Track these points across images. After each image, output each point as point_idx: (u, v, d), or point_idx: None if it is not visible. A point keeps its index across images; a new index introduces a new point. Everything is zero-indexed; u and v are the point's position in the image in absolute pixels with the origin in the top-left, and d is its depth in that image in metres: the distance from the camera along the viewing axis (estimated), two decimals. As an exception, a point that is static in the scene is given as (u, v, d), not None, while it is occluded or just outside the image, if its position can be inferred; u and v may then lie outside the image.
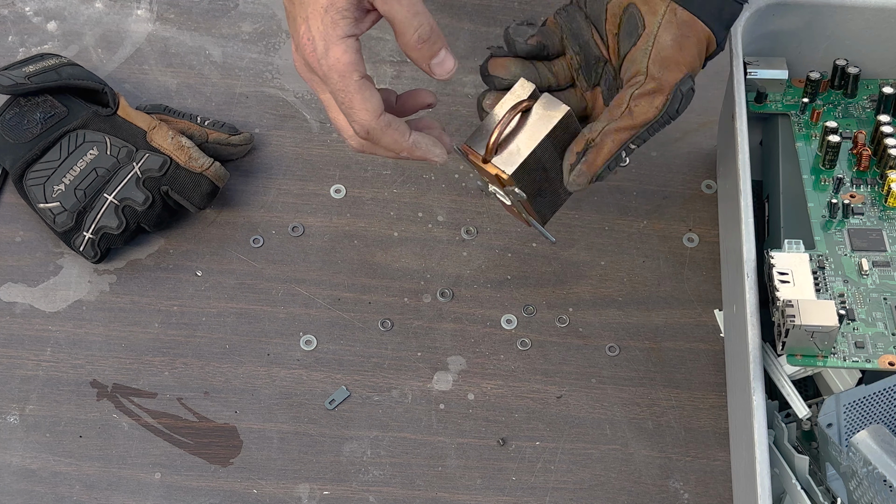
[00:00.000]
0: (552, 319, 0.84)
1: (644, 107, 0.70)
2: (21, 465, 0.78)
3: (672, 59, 0.70)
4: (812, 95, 0.82)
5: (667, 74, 0.69)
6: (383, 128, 0.68)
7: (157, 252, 0.86)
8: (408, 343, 0.83)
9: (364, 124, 0.67)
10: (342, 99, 0.67)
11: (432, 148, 0.71)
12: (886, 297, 0.72)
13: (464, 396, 0.81)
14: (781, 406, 0.73)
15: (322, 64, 0.66)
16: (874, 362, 0.69)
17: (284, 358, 0.82)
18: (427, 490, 0.78)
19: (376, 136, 0.68)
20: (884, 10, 0.79)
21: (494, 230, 0.88)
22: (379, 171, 0.90)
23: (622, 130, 0.70)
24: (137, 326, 0.83)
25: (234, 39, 0.96)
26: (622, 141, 0.70)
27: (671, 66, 0.70)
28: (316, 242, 0.87)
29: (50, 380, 0.81)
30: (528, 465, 0.79)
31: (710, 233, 0.87)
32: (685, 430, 0.80)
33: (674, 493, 0.78)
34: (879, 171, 0.78)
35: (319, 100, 0.72)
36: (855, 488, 0.68)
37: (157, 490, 0.78)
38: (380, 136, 0.68)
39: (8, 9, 0.97)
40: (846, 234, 0.75)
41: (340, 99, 0.67)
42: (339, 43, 0.65)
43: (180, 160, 0.85)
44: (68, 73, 0.88)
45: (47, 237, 0.87)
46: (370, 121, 0.67)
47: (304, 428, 0.80)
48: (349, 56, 0.66)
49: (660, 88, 0.70)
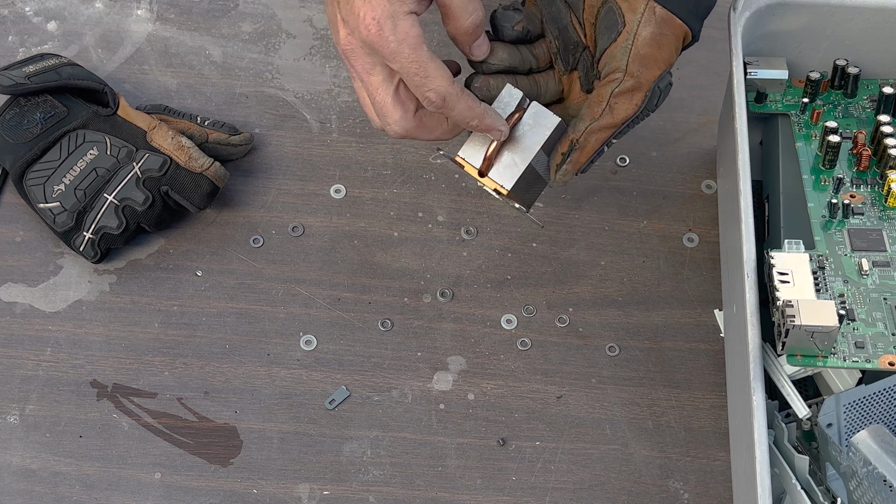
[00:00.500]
0: (552, 319, 0.84)
1: (624, 104, 0.71)
2: (21, 465, 0.78)
3: (651, 57, 0.71)
4: (812, 95, 0.82)
5: (646, 72, 0.71)
6: (458, 93, 0.69)
7: (157, 252, 0.86)
8: (408, 343, 0.83)
9: (441, 91, 0.68)
10: (416, 70, 0.67)
11: (497, 120, 0.72)
12: (886, 297, 0.72)
13: (464, 396, 0.81)
14: (781, 406, 0.73)
15: (391, 40, 0.67)
16: (874, 362, 0.69)
17: (284, 358, 0.82)
18: (427, 490, 0.78)
19: (452, 102, 0.69)
20: (884, 10, 0.79)
21: (494, 230, 0.88)
22: (379, 171, 0.90)
23: (604, 129, 0.72)
24: (137, 326, 0.83)
25: (234, 39, 0.96)
26: (604, 139, 0.72)
27: (650, 63, 0.71)
28: (316, 242, 0.87)
29: (50, 380, 0.81)
30: (528, 465, 0.79)
31: (710, 233, 0.87)
32: (685, 430, 0.80)
33: (674, 493, 0.78)
34: (879, 171, 0.78)
35: (354, 88, 0.73)
36: (855, 488, 0.68)
37: (157, 490, 0.78)
38: (455, 102, 0.69)
39: (8, 9, 0.97)
40: (846, 234, 0.75)
41: (414, 71, 0.67)
42: (407, 18, 0.67)
43: (180, 160, 0.85)
44: (68, 73, 0.88)
45: (47, 237, 0.87)
46: (447, 87, 0.68)
47: (304, 428, 0.80)
48: (416, 29, 0.67)
49: (639, 86, 0.71)
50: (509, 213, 0.88)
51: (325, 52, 0.96)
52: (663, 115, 0.92)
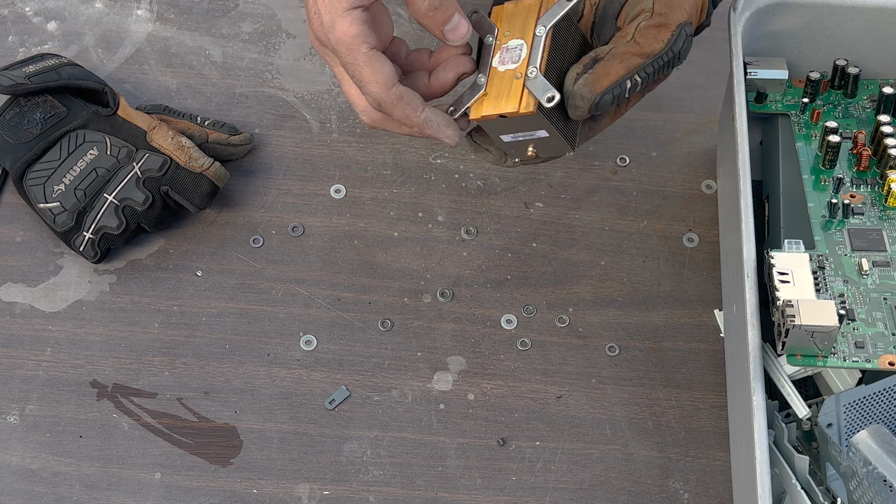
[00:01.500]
0: (552, 319, 0.84)
1: (650, 38, 0.68)
2: (21, 465, 0.78)
3: (676, 2, 0.69)
4: (812, 95, 0.82)
5: (672, 13, 0.69)
6: (394, 101, 0.67)
7: (157, 252, 0.87)
8: (408, 343, 0.83)
9: (375, 96, 0.67)
10: (352, 72, 0.66)
11: (444, 128, 0.70)
12: (886, 297, 0.72)
13: (464, 396, 0.81)
14: (781, 406, 0.73)
15: (330, 37, 0.66)
16: (874, 362, 0.69)
17: (284, 358, 0.82)
18: (427, 490, 0.78)
19: (388, 108, 0.67)
20: (884, 10, 0.79)
21: (494, 230, 0.88)
22: (379, 171, 0.90)
23: (630, 55, 0.68)
24: (137, 326, 0.83)
25: (234, 39, 0.96)
26: (630, 67, 0.68)
27: (675, 6, 0.69)
28: (316, 242, 0.87)
29: (50, 380, 0.81)
30: (528, 465, 0.79)
31: (710, 233, 0.87)
32: (685, 430, 0.80)
33: (674, 493, 0.78)
34: (879, 171, 0.78)
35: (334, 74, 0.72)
36: (855, 488, 0.68)
37: (157, 490, 0.78)
38: (391, 109, 0.67)
39: (8, 9, 0.97)
40: (846, 234, 0.75)
41: (351, 72, 0.66)
42: (345, 15, 0.65)
43: (180, 160, 0.85)
44: (68, 73, 0.88)
45: (47, 237, 0.87)
46: (381, 93, 0.67)
47: (304, 428, 0.80)
48: (356, 28, 0.65)
49: (665, 23, 0.69)
50: (509, 213, 0.88)
51: (325, 52, 0.96)
52: (663, 115, 0.92)
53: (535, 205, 0.89)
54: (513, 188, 0.89)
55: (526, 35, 0.69)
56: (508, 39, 0.70)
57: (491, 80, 0.70)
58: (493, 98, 0.69)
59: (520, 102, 0.68)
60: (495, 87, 0.69)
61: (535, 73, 0.68)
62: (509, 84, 0.69)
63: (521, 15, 0.70)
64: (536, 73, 0.68)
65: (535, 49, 0.69)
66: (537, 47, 0.69)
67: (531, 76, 0.68)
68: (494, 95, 0.69)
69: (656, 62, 0.69)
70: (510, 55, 0.69)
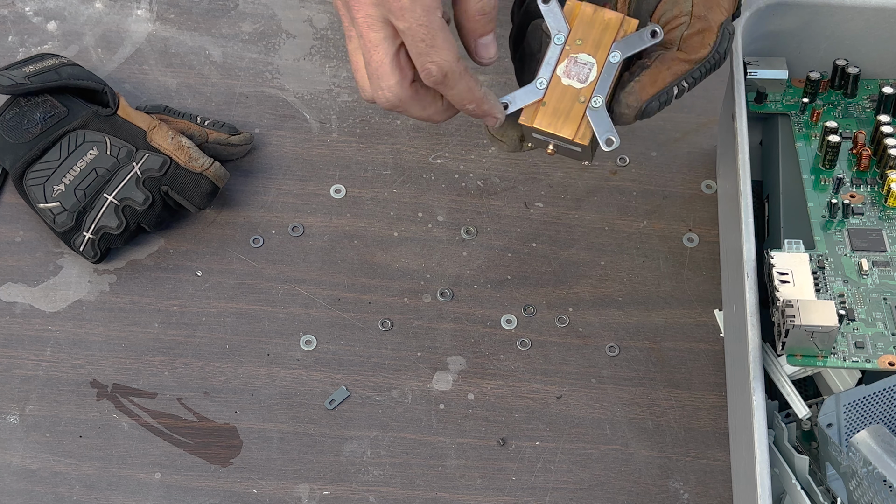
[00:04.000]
0: (552, 319, 0.84)
1: (696, 44, 0.68)
2: (21, 465, 0.78)
3: (714, 1, 0.69)
4: (812, 95, 0.82)
5: (712, 14, 0.69)
6: (461, 72, 0.65)
7: (157, 252, 0.87)
8: (408, 343, 0.83)
9: (444, 65, 0.64)
10: (424, 36, 0.63)
11: (495, 107, 0.68)
12: (886, 297, 0.72)
13: (464, 396, 0.81)
14: (781, 406, 0.73)
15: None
16: (874, 362, 0.69)
17: (284, 358, 0.82)
18: (427, 490, 0.78)
19: (453, 80, 0.65)
20: (884, 10, 0.79)
21: (494, 230, 0.88)
22: (379, 171, 0.90)
23: (678, 62, 0.68)
24: (137, 326, 0.83)
25: (234, 39, 0.96)
26: (677, 73, 0.68)
27: (714, 6, 0.69)
28: (316, 242, 0.87)
29: (50, 380, 0.81)
30: (528, 465, 0.79)
31: (710, 233, 0.87)
32: (685, 430, 0.80)
33: (674, 493, 0.78)
34: (879, 171, 0.78)
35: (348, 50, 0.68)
36: (855, 488, 0.68)
37: (157, 490, 0.78)
38: (456, 81, 0.65)
39: (8, 9, 0.97)
40: (846, 234, 0.75)
41: (421, 36, 0.63)
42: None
43: (180, 160, 0.85)
44: (68, 73, 0.88)
45: (47, 237, 0.87)
46: (452, 62, 0.64)
47: (304, 428, 0.80)
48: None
49: (708, 27, 0.69)
50: (509, 213, 0.88)
51: (325, 52, 0.96)
52: (663, 114, 0.91)
53: (535, 205, 0.89)
54: (513, 188, 0.89)
55: (599, 54, 0.68)
56: (579, 51, 0.68)
57: (552, 90, 0.69)
58: (550, 111, 0.68)
59: (577, 131, 0.68)
60: (555, 99, 0.69)
61: (599, 104, 0.68)
62: (570, 104, 0.68)
63: (597, 27, 0.68)
64: (602, 104, 0.67)
65: (605, 75, 0.68)
66: (608, 75, 0.68)
67: (595, 106, 0.68)
68: (552, 110, 0.68)
69: (703, 66, 0.69)
70: (577, 70, 0.68)
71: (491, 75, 0.94)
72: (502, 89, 0.94)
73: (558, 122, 0.68)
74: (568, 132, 0.68)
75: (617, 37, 0.68)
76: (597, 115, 0.68)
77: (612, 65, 0.68)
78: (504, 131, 0.71)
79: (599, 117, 0.68)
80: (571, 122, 0.68)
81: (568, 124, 0.68)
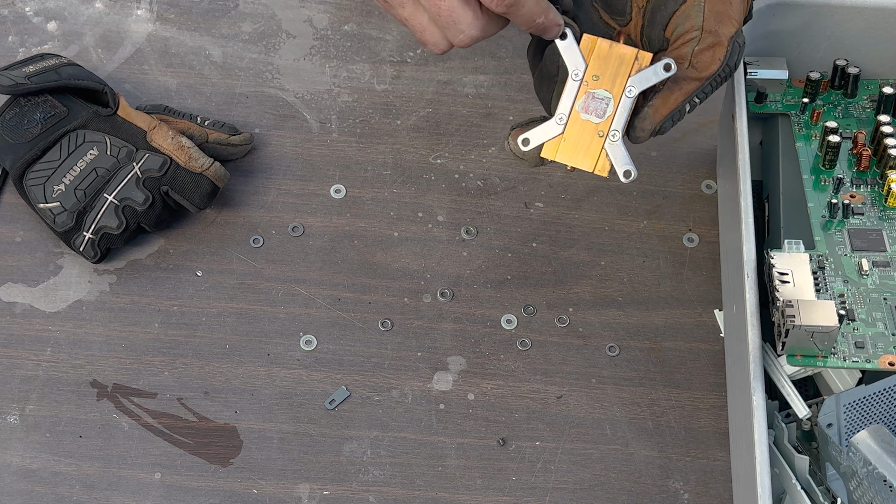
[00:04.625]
0: (552, 319, 0.84)
1: (706, 61, 0.70)
2: (21, 465, 0.78)
3: (725, 14, 0.70)
4: (812, 95, 0.82)
5: (723, 28, 0.70)
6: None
7: (157, 252, 0.87)
8: (408, 343, 0.83)
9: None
10: None
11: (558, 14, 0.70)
12: (886, 297, 0.72)
13: (464, 396, 0.81)
14: (781, 406, 0.73)
15: None
16: (874, 362, 0.69)
17: (284, 358, 0.82)
18: (427, 490, 0.78)
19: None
20: (884, 10, 0.79)
21: (494, 230, 0.88)
22: (379, 171, 0.90)
23: (689, 81, 0.70)
24: (137, 326, 0.83)
25: (234, 39, 0.96)
26: (688, 92, 0.71)
27: (725, 20, 0.70)
28: (316, 242, 0.87)
29: (50, 380, 0.81)
30: (528, 465, 0.79)
31: (710, 233, 0.87)
32: (685, 430, 0.80)
33: (674, 493, 0.78)
34: (879, 171, 0.78)
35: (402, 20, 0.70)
36: (855, 488, 0.68)
37: (157, 490, 0.78)
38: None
39: (8, 9, 0.97)
40: (846, 234, 0.75)
41: None
42: None
43: (180, 160, 0.85)
44: (68, 73, 0.88)
45: (47, 237, 0.87)
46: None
47: (304, 428, 0.80)
48: None
49: (719, 41, 0.70)
50: (509, 213, 0.88)
51: (325, 52, 0.96)
52: (663, 115, 0.92)
53: (535, 205, 0.89)
54: (513, 188, 0.89)
55: (615, 89, 0.70)
56: (596, 86, 0.71)
57: (571, 125, 0.71)
58: (570, 146, 0.71)
59: (595, 164, 0.71)
60: (574, 134, 0.71)
61: (617, 137, 0.70)
62: (589, 138, 0.71)
63: (613, 62, 0.71)
64: (619, 137, 0.70)
65: (621, 110, 0.71)
66: (624, 109, 0.71)
67: (613, 139, 0.71)
68: (572, 144, 0.71)
69: (713, 81, 0.71)
70: (595, 106, 0.71)
71: (491, 75, 0.94)
72: (502, 89, 0.94)
73: (578, 157, 0.71)
74: (588, 166, 0.71)
75: (632, 71, 0.70)
76: (615, 149, 0.71)
77: (628, 99, 0.71)
78: (525, 150, 0.73)
79: (617, 151, 0.71)
80: (591, 156, 0.71)
81: (588, 158, 0.71)
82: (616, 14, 0.73)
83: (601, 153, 0.71)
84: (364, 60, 0.95)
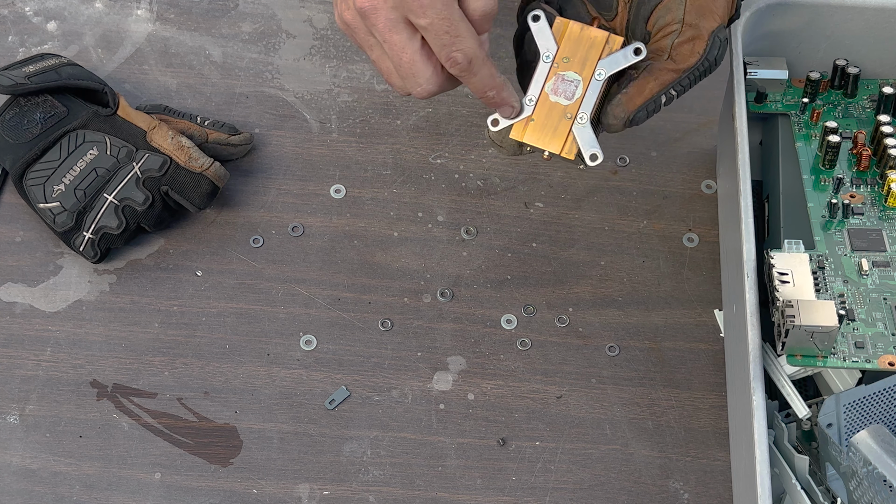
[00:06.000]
0: (552, 319, 0.84)
1: (685, 53, 0.70)
2: (21, 465, 0.78)
3: (707, 8, 0.70)
4: (812, 95, 0.82)
5: (704, 22, 0.70)
6: (484, 58, 0.67)
7: (157, 252, 0.87)
8: (408, 343, 0.83)
9: (469, 53, 0.67)
10: (447, 28, 0.65)
11: (514, 94, 0.71)
12: (886, 297, 0.72)
13: (464, 396, 0.81)
14: (781, 406, 0.73)
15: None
16: (874, 362, 0.69)
17: (284, 358, 0.82)
18: (427, 490, 0.78)
19: (477, 66, 0.67)
20: (884, 10, 0.79)
21: (494, 230, 0.88)
22: (379, 171, 0.90)
23: (666, 72, 0.70)
24: (137, 326, 0.83)
25: (234, 39, 0.96)
26: (664, 83, 0.70)
27: (706, 14, 0.70)
28: (316, 242, 0.87)
29: (50, 380, 0.81)
30: (528, 465, 0.79)
31: (710, 233, 0.87)
32: (685, 430, 0.80)
33: (674, 493, 0.78)
34: (879, 171, 0.78)
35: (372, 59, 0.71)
36: (855, 488, 0.68)
37: (157, 490, 0.78)
38: (480, 67, 0.68)
39: (8, 9, 0.97)
40: (846, 234, 0.75)
41: (445, 28, 0.65)
42: None
43: (180, 160, 0.85)
44: (68, 73, 0.88)
45: (47, 237, 0.87)
46: (476, 48, 0.67)
47: (304, 428, 0.80)
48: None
49: (699, 35, 0.70)
50: (509, 213, 0.88)
51: (325, 52, 0.96)
52: (663, 115, 0.92)
53: (535, 205, 0.89)
54: (513, 188, 0.89)
55: (585, 72, 0.71)
56: (566, 68, 0.71)
57: (540, 107, 0.71)
58: (538, 127, 0.71)
59: (563, 146, 0.71)
60: (542, 116, 0.71)
61: (585, 120, 0.70)
62: (557, 120, 0.71)
63: (584, 45, 0.71)
64: (587, 120, 0.70)
65: (590, 93, 0.71)
66: (593, 92, 0.71)
67: (581, 122, 0.71)
68: (540, 126, 0.71)
69: (692, 74, 0.71)
70: (564, 88, 0.71)
71: (491, 75, 0.94)
72: (502, 89, 0.94)
73: (546, 138, 0.71)
74: (555, 147, 0.71)
75: (602, 55, 0.70)
76: (582, 132, 0.71)
77: (597, 82, 0.70)
78: (503, 137, 0.73)
79: (584, 133, 0.71)
80: (558, 138, 0.71)
81: (555, 140, 0.71)
82: (603, 9, 0.73)
83: (569, 135, 0.71)
84: (364, 60, 0.95)
